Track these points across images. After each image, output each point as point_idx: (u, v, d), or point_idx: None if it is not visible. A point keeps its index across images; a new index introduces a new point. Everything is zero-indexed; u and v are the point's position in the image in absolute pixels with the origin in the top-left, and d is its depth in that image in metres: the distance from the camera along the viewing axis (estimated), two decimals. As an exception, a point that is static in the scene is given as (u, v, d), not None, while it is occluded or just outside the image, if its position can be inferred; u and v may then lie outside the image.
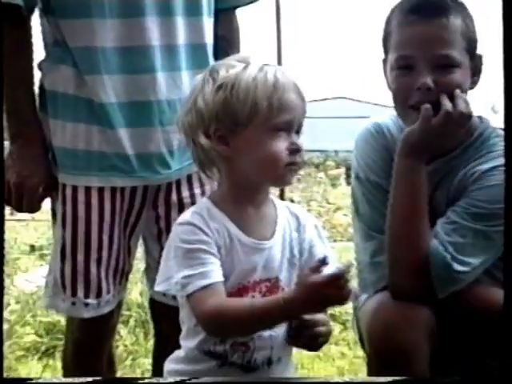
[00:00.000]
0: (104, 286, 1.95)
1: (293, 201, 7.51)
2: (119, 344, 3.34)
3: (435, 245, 1.76)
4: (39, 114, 1.95)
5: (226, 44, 2.03)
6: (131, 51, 1.87)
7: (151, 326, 2.46)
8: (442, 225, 1.79)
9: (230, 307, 1.49)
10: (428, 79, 1.78)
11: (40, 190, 1.91)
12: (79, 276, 1.93)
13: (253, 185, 1.58)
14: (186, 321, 1.59)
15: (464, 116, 1.77)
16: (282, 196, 5.99)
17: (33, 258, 5.49)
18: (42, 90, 1.96)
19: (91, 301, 1.94)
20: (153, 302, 2.09)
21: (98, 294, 1.94)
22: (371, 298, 1.84)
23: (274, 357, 1.58)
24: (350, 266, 1.44)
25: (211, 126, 1.55)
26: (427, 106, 1.76)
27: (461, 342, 1.79)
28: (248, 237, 1.56)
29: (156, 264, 1.61)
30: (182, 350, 1.61)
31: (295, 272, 1.59)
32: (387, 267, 1.80)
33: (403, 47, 1.82)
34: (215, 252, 1.52)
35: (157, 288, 1.59)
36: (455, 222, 1.78)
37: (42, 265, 4.98)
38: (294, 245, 1.61)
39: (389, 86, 1.88)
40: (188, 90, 1.86)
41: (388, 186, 1.85)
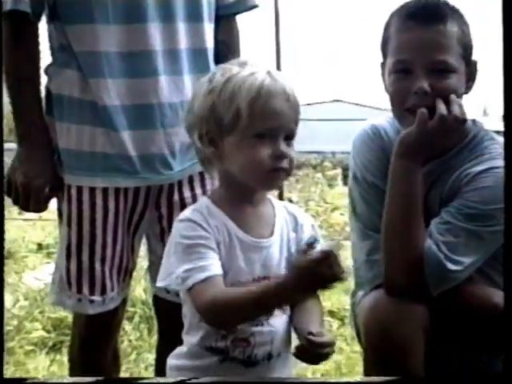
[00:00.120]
0: (108, 283, 1.94)
1: (291, 201, 7.51)
2: (124, 339, 3.33)
3: (429, 244, 1.76)
4: (45, 116, 1.94)
5: (227, 49, 2.02)
6: (134, 56, 1.86)
7: (155, 322, 2.45)
8: (435, 225, 1.79)
9: (228, 295, 1.48)
10: (425, 83, 1.78)
11: (46, 190, 1.90)
12: (84, 273, 1.93)
13: (243, 186, 1.57)
14: (188, 316, 1.59)
15: (458, 120, 1.78)
16: (281, 196, 5.98)
17: (40, 256, 5.47)
18: (49, 93, 1.96)
19: (96, 298, 1.94)
20: (156, 299, 2.08)
21: (103, 291, 1.94)
22: (368, 295, 1.84)
23: (274, 352, 1.57)
24: (338, 245, 1.42)
25: (203, 128, 1.56)
26: (423, 109, 1.76)
27: (455, 338, 1.79)
28: (247, 235, 1.55)
29: (159, 262, 1.61)
30: (184, 345, 1.61)
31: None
32: (382, 266, 1.79)
33: (401, 52, 1.81)
34: (214, 247, 1.51)
35: (158, 284, 1.58)
36: (449, 222, 1.78)
37: (49, 263, 4.96)
38: (292, 244, 1.61)
39: (386, 89, 1.88)
40: (189, 93, 1.87)
41: (384, 186, 1.84)
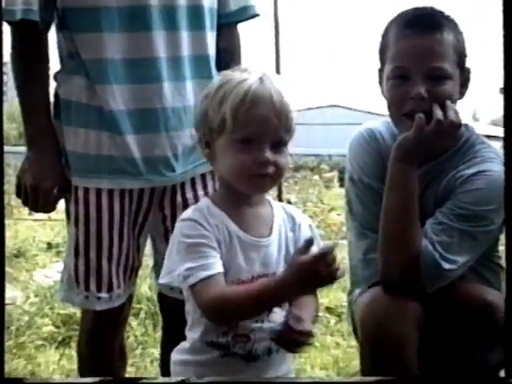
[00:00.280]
0: (115, 281, 1.94)
1: (290, 201, 7.51)
2: (130, 335, 3.33)
3: (425, 244, 1.75)
4: (54, 121, 1.94)
5: (228, 56, 2.01)
6: (138, 62, 1.86)
7: (160, 319, 2.44)
8: (430, 225, 1.79)
9: (229, 294, 1.48)
10: (422, 89, 1.78)
11: (54, 191, 1.90)
12: (92, 271, 1.92)
13: (234, 188, 1.56)
14: (191, 313, 1.58)
15: (454, 125, 1.78)
16: (280, 197, 5.99)
17: (50, 254, 5.48)
18: (57, 98, 1.96)
19: (103, 295, 1.93)
20: (161, 296, 2.08)
21: (110, 289, 1.93)
22: (364, 293, 1.84)
23: (273, 347, 1.55)
24: (333, 246, 1.42)
25: (200, 130, 1.57)
26: (421, 114, 1.76)
27: (449, 334, 1.78)
28: (246, 234, 1.54)
29: (163, 260, 1.60)
30: (187, 341, 1.60)
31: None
32: (380, 264, 1.79)
33: (399, 59, 1.81)
34: (215, 246, 1.50)
35: (161, 280, 1.58)
36: (443, 222, 1.78)
37: (58, 261, 4.97)
38: (290, 243, 1.60)
39: (384, 94, 1.88)
40: (191, 98, 1.90)
41: (380, 188, 1.84)
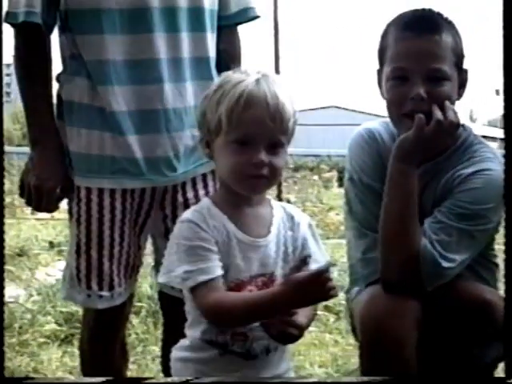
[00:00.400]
0: (116, 279, 1.93)
1: (289, 201, 7.51)
2: (131, 332, 3.32)
3: (425, 243, 1.75)
4: (57, 121, 1.94)
5: (228, 57, 2.00)
6: (140, 64, 1.86)
7: (160, 317, 2.44)
8: (429, 224, 1.78)
9: (227, 302, 1.48)
10: (421, 90, 1.77)
11: (57, 191, 1.89)
12: (93, 270, 1.92)
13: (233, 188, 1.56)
14: (190, 312, 1.58)
15: (453, 125, 1.78)
16: (280, 197, 5.99)
17: (52, 253, 5.48)
18: (60, 99, 1.95)
19: (105, 293, 1.93)
20: (162, 295, 2.07)
21: (111, 287, 1.93)
22: (364, 291, 1.84)
23: (271, 346, 1.56)
24: (329, 265, 1.44)
25: (201, 131, 1.58)
26: (421, 115, 1.76)
27: (448, 331, 1.78)
28: (245, 234, 1.55)
29: (164, 259, 1.60)
30: (187, 338, 1.60)
31: (289, 267, 1.58)
32: (380, 263, 1.79)
33: (399, 59, 1.81)
34: (214, 248, 1.50)
35: (159, 279, 1.58)
36: (441, 221, 1.78)
37: (60, 260, 4.97)
38: (288, 243, 1.59)
39: (383, 95, 1.88)
40: (192, 99, 1.89)
41: (380, 188, 1.84)
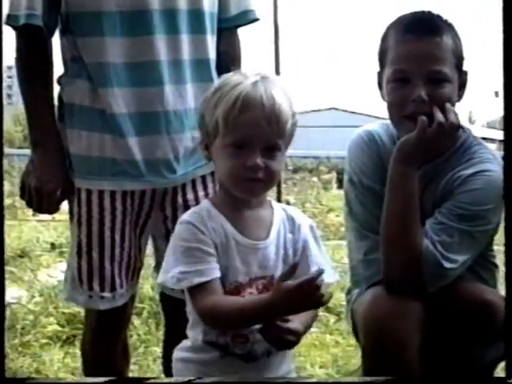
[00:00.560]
0: (118, 280, 1.93)
1: (288, 202, 7.51)
2: (133, 333, 3.31)
3: (427, 244, 1.75)
4: (58, 123, 1.93)
5: (228, 60, 2.00)
6: (140, 66, 1.85)
7: (162, 318, 2.43)
8: (430, 225, 1.78)
9: (222, 306, 1.48)
10: (422, 92, 1.77)
11: (58, 193, 1.89)
12: (95, 272, 1.91)
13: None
14: (191, 313, 1.57)
15: (454, 126, 1.78)
16: (279, 198, 5.98)
17: (53, 255, 5.47)
18: (61, 101, 1.95)
19: (106, 294, 1.92)
20: (163, 296, 2.06)
21: (113, 288, 1.92)
22: (366, 292, 1.83)
23: (272, 348, 1.54)
24: (320, 273, 1.43)
25: (200, 133, 1.58)
26: (423, 117, 1.75)
27: (449, 332, 1.77)
28: (244, 237, 1.54)
29: (165, 260, 1.60)
30: (188, 339, 1.59)
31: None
32: (382, 264, 1.79)
33: (400, 62, 1.81)
34: (212, 251, 1.50)
35: (157, 280, 1.58)
36: (442, 222, 1.77)
37: (61, 261, 4.96)
38: (289, 245, 1.58)
39: (383, 96, 1.88)
40: (192, 101, 1.89)
41: (380, 189, 1.84)
